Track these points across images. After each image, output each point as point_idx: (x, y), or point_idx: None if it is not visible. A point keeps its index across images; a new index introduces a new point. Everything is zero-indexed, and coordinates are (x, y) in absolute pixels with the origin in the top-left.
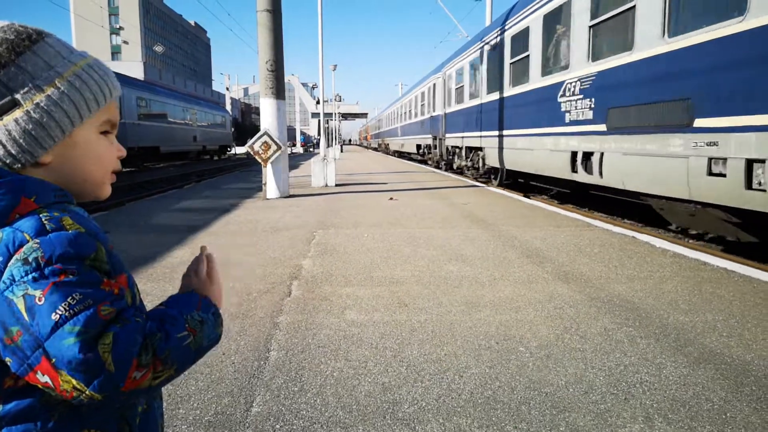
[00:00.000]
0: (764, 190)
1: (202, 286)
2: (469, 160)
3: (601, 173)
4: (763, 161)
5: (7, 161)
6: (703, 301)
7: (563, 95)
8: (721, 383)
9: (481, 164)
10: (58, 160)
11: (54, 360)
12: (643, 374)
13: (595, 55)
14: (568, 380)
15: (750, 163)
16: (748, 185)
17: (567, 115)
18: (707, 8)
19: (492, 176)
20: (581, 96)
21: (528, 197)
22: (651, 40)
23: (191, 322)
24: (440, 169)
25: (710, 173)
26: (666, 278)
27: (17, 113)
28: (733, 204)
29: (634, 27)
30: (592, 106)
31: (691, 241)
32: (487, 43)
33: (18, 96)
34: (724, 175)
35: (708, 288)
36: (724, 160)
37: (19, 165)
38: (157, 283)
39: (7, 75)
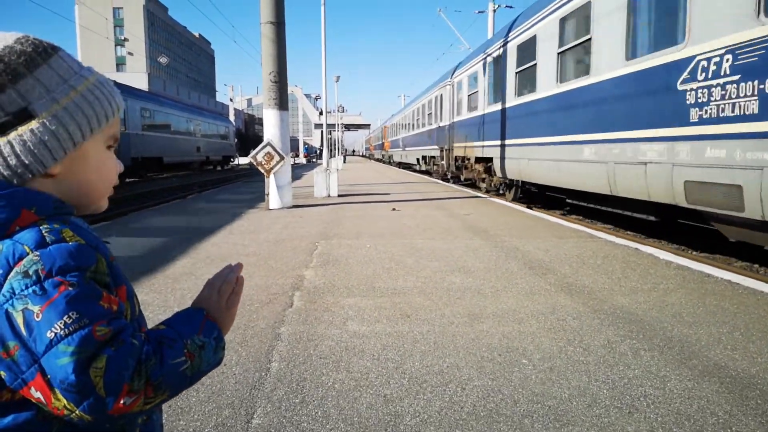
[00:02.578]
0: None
1: (217, 308)
2: None
3: None
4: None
5: (19, 171)
6: (708, 314)
7: None
8: (726, 397)
9: None
10: (66, 172)
11: (49, 377)
12: (647, 387)
13: None
14: (572, 393)
15: None
16: None
17: None
18: None
19: None
20: None
21: (530, 208)
22: None
23: (190, 347)
24: None
25: None
26: (670, 290)
27: (33, 124)
28: None
29: None
30: None
31: (695, 252)
32: None
33: (34, 107)
34: None
35: (712, 300)
36: None
37: (30, 175)
38: (158, 294)
39: (25, 86)
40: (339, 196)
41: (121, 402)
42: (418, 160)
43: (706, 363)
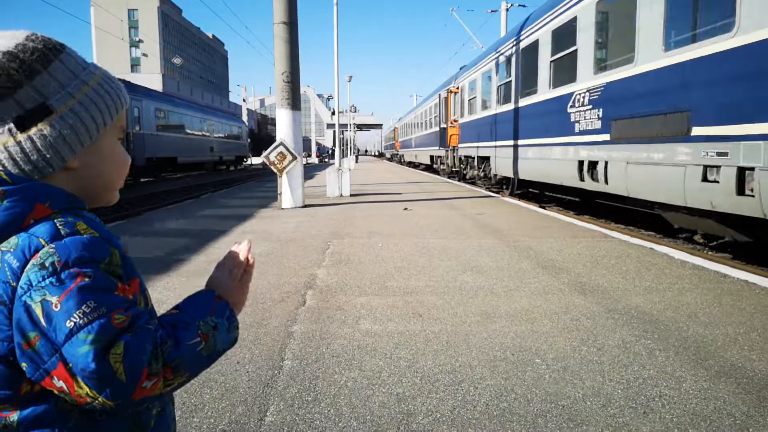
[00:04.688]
0: (753, 196)
1: (228, 288)
2: None
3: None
4: (752, 169)
5: (40, 166)
6: (724, 314)
7: None
8: (743, 398)
9: None
10: (82, 165)
11: (70, 366)
12: (662, 388)
13: None
14: (586, 393)
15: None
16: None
17: None
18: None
19: None
20: None
21: (543, 208)
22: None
23: (204, 328)
24: None
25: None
26: (685, 290)
27: (52, 118)
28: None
29: None
30: None
31: (710, 252)
32: None
33: (51, 102)
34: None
35: (728, 300)
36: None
37: (51, 169)
38: (172, 292)
39: (41, 82)
40: (351, 195)
41: (143, 385)
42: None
43: (722, 363)
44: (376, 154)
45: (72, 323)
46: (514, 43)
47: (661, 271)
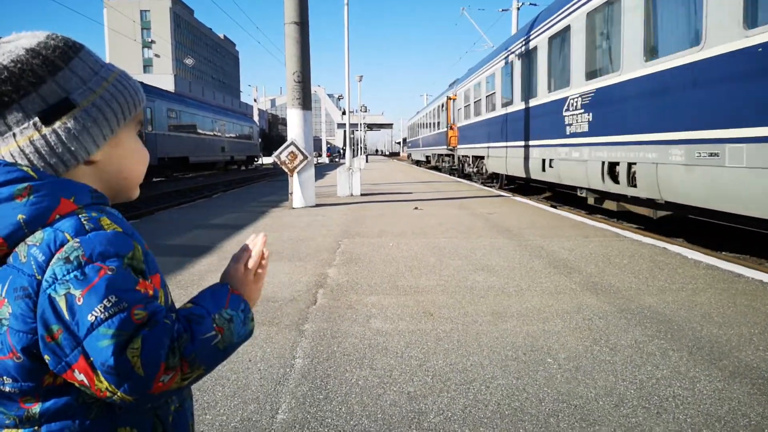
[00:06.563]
0: None
1: (242, 281)
2: None
3: None
4: None
5: (65, 158)
6: (738, 314)
7: None
8: (758, 398)
9: None
10: (104, 159)
11: (92, 359)
12: (675, 388)
13: None
14: (598, 393)
15: None
16: None
17: None
18: None
19: None
20: None
21: (554, 207)
22: None
23: (219, 321)
24: None
25: None
26: (699, 290)
27: (76, 112)
28: None
29: None
30: None
31: (725, 253)
32: None
33: (74, 97)
34: None
35: (743, 301)
36: None
37: (75, 162)
38: (184, 290)
39: (63, 78)
40: (362, 195)
41: (161, 380)
42: None
43: (737, 364)
44: (387, 153)
45: (93, 317)
46: None
47: (675, 271)
